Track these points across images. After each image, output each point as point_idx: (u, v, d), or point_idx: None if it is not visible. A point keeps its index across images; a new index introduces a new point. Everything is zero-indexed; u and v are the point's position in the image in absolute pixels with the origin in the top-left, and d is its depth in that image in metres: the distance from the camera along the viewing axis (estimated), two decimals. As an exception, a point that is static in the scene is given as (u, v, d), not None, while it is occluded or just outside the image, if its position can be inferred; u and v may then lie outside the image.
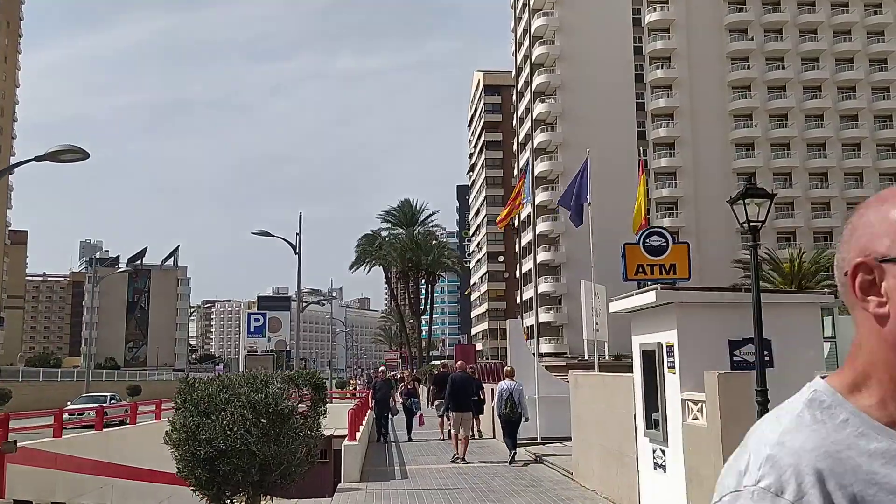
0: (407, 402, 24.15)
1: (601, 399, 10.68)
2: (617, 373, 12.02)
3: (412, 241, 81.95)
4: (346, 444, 13.48)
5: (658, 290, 7.95)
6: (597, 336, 20.76)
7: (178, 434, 10.55)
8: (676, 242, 9.97)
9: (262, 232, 34.58)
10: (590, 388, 11.40)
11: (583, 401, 11.73)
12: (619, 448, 9.88)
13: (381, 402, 22.21)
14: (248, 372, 11.74)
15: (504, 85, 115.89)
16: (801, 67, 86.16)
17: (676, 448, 8.08)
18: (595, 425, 10.99)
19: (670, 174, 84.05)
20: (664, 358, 8.33)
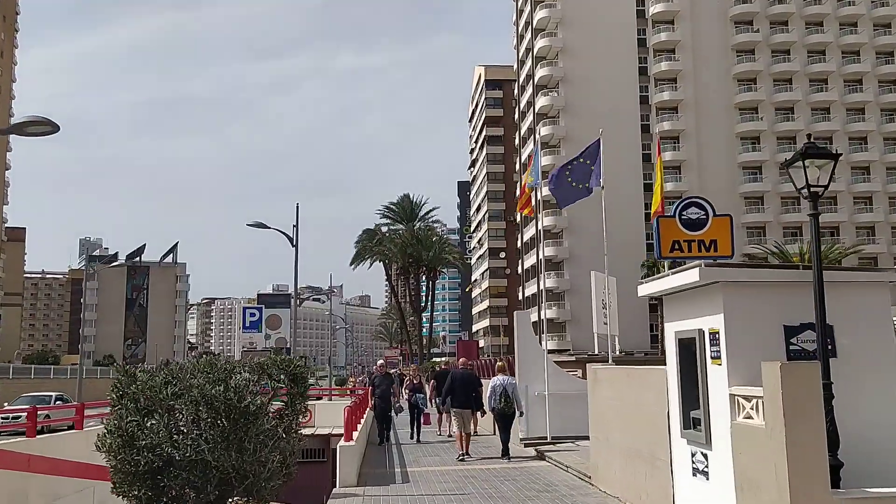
0: (412, 399, 21.60)
1: (625, 395, 9.55)
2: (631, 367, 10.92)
3: (413, 237, 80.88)
4: (341, 446, 12.27)
5: (702, 268, 6.79)
6: (606, 330, 19.65)
7: (113, 438, 8.27)
8: (718, 215, 8.76)
9: (257, 223, 33.56)
10: (611, 384, 10.25)
11: (603, 397, 10.59)
12: (648, 450, 8.75)
13: (382, 400, 19.79)
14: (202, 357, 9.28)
15: (505, 79, 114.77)
16: (808, 60, 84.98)
17: (723, 451, 6.94)
18: (618, 424, 9.84)
19: (675, 168, 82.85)
20: (706, 347, 7.19)
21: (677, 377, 7.74)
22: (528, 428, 17.38)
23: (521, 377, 17.65)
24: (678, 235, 8.36)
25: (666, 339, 8.20)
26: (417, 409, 21.28)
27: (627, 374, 9.47)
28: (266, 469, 8.31)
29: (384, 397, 19.78)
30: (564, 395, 17.33)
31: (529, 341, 17.97)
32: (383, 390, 19.85)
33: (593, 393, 11.14)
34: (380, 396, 19.85)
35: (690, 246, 8.36)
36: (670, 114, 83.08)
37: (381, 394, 19.85)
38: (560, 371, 18.14)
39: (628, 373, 9.47)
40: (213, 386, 8.06)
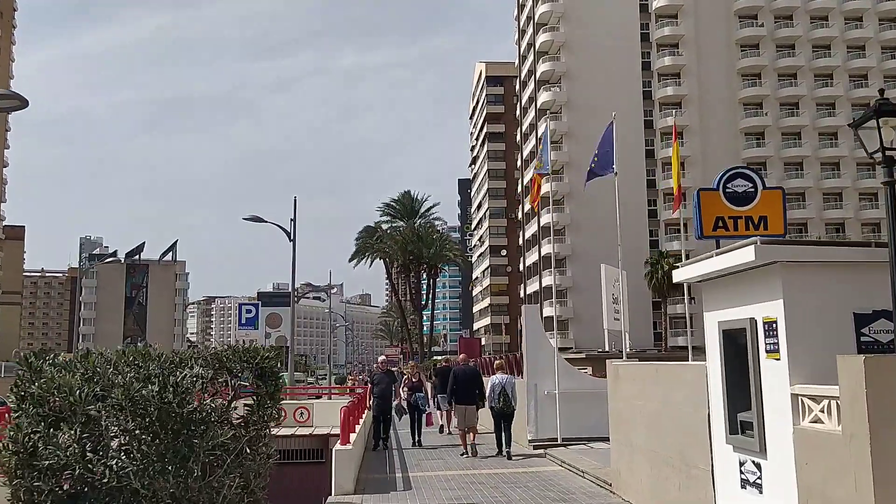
0: (412, 399, 19.48)
1: (653, 394, 8.53)
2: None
3: (413, 234, 79.84)
4: (337, 450, 11.22)
5: (759, 246, 5.76)
6: (617, 326, 18.68)
7: (9, 455, 6.05)
8: (768, 188, 7.70)
9: (253, 217, 32.59)
10: (635, 381, 9.22)
11: (626, 396, 9.57)
12: (682, 457, 7.73)
13: (381, 399, 17.99)
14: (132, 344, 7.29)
15: (506, 76, 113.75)
16: (812, 55, 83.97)
17: (782, 461, 5.92)
18: (644, 427, 8.82)
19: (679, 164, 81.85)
20: (760, 339, 6.17)
21: (721, 374, 6.72)
22: (536, 429, 16.37)
23: (529, 375, 16.65)
24: (722, 211, 7.36)
25: (706, 331, 7.18)
26: (418, 409, 19.40)
27: (656, 371, 8.45)
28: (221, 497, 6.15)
29: (383, 396, 18.02)
30: (575, 394, 16.35)
31: (538, 337, 16.94)
32: (382, 389, 18.07)
33: (614, 391, 10.12)
34: (379, 395, 18.07)
35: (737, 223, 7.36)
36: (674, 109, 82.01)
37: (379, 393, 18.06)
38: (571, 368, 17.13)
39: (657, 369, 8.45)
40: (143, 385, 5.99)
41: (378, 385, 18.30)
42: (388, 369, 19.65)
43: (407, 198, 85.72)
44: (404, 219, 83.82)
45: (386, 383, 18.32)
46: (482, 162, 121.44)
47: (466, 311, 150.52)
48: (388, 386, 18.32)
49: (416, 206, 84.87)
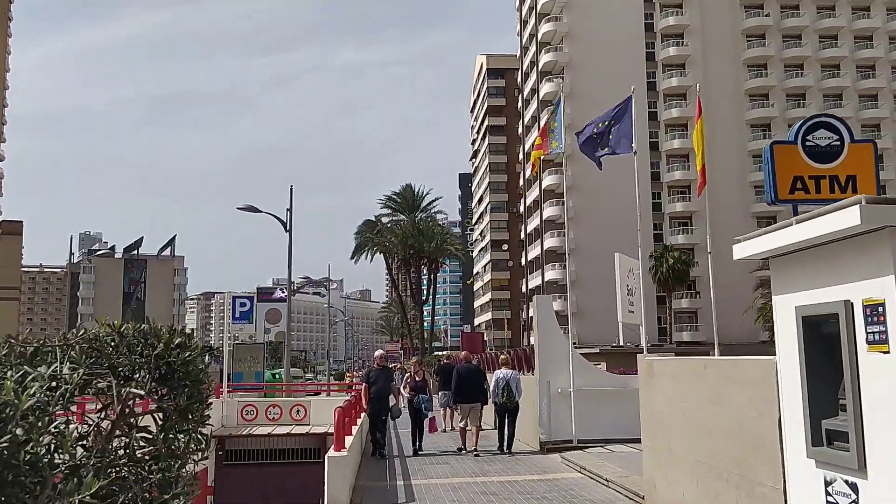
0: (415, 400, 16.88)
1: (699, 393, 7.24)
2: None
3: (414, 228, 78.54)
4: (330, 456, 9.90)
5: (864, 206, 4.45)
6: (633, 319, 17.41)
7: None
8: (856, 141, 6.36)
9: (248, 207, 31.31)
10: (676, 380, 7.93)
11: (663, 396, 8.29)
12: (741, 471, 6.43)
13: (378, 399, 15.78)
14: None
15: (508, 68, 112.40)
16: (819, 45, 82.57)
17: (890, 482, 4.65)
18: (688, 432, 7.53)
19: (683, 156, 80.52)
20: (859, 326, 4.88)
21: (800, 371, 5.41)
22: (550, 430, 15.08)
23: (541, 371, 15.35)
24: (802, 169, 6.02)
25: (778, 318, 5.87)
26: (420, 413, 16.88)
27: (704, 367, 7.16)
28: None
29: (380, 396, 15.82)
30: (592, 392, 15.06)
31: (551, 331, 15.63)
32: (380, 388, 15.82)
33: (648, 390, 8.82)
34: (376, 396, 15.79)
35: (819, 184, 6.01)
36: (678, 100, 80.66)
37: (377, 392, 15.78)
38: (587, 364, 15.82)
39: (706, 365, 7.16)
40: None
41: (375, 384, 15.92)
42: (385, 366, 16.95)
43: (408, 191, 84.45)
44: (405, 212, 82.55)
45: (384, 381, 16.03)
46: (483, 156, 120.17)
47: (467, 307, 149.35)
48: (386, 384, 16.07)
49: (417, 199, 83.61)
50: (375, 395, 15.82)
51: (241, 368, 35.31)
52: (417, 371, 18.00)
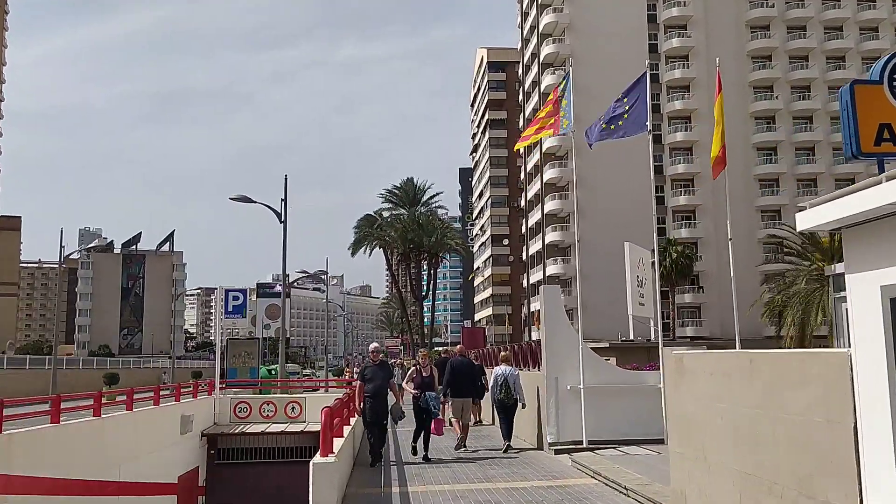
0: (421, 399, 14.45)
1: (747, 394, 6.14)
2: None
3: (414, 222, 77.40)
4: (316, 463, 8.76)
5: None
6: (643, 312, 16.38)
7: None
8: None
9: (241, 197, 30.22)
10: (714, 377, 6.83)
11: (697, 396, 7.22)
12: (802, 486, 5.32)
13: (375, 400, 13.90)
14: None
15: (508, 61, 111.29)
16: (824, 36, 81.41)
17: None
18: (730, 438, 6.45)
19: (686, 149, 79.47)
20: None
21: (888, 365, 4.36)
22: (558, 430, 14.00)
23: (549, 367, 14.27)
24: (890, 114, 4.96)
25: (853, 302, 4.83)
26: (427, 413, 14.55)
27: (750, 362, 6.07)
28: None
29: (377, 394, 13.96)
30: (603, 389, 14.00)
31: (559, 323, 14.55)
32: (377, 386, 13.92)
33: (676, 389, 7.74)
34: (372, 395, 13.91)
35: (913, 131, 4.91)
36: (682, 93, 79.53)
37: (373, 391, 13.89)
38: (597, 359, 14.75)
39: (752, 359, 6.05)
40: None
41: (371, 381, 14.01)
42: (382, 361, 14.99)
43: (409, 185, 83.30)
44: (406, 206, 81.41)
45: (381, 379, 14.10)
46: (483, 150, 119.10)
47: (468, 302, 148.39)
48: (384, 383, 14.16)
49: (418, 193, 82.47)
50: (372, 394, 13.90)
51: (236, 364, 34.31)
52: (425, 365, 15.16)
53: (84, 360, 64.59)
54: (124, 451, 18.78)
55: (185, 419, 23.71)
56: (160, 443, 21.74)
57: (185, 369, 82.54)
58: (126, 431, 19.04)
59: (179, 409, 23.72)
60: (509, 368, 15.10)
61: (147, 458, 20.48)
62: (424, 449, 14.32)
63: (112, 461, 17.91)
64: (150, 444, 20.78)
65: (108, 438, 17.74)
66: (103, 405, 19.19)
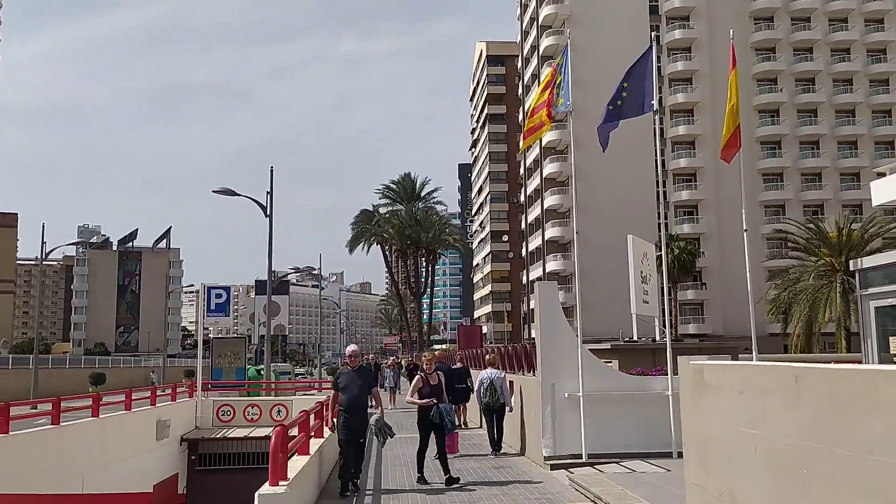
0: (432, 413, 11.57)
1: (790, 420, 4.70)
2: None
3: (411, 218, 76.07)
4: (261, 494, 7.36)
5: None
6: (648, 310, 15.03)
7: None
8: None
9: (225, 190, 28.89)
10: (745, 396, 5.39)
11: (721, 417, 5.84)
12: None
13: (351, 412, 11.27)
14: None
15: (508, 55, 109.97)
16: (829, 28, 79.97)
17: None
18: (765, 474, 5.06)
19: (688, 142, 78.11)
20: None
21: None
22: (554, 443, 12.62)
23: (544, 372, 12.88)
24: None
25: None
26: (438, 429, 11.66)
27: (797, 379, 4.66)
28: None
29: (355, 408, 11.30)
30: (605, 397, 12.62)
31: (556, 323, 13.15)
32: (354, 397, 11.28)
33: (695, 407, 6.36)
34: (347, 407, 11.30)
35: None
36: (684, 85, 78.13)
37: (349, 402, 11.26)
38: (598, 363, 13.35)
39: (798, 376, 4.64)
40: None
41: (347, 391, 11.34)
42: (361, 366, 12.45)
43: (407, 180, 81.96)
44: (404, 202, 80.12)
45: (359, 388, 11.35)
46: (483, 145, 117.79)
47: (467, 299, 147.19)
48: (363, 393, 11.43)
49: (416, 188, 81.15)
50: (347, 407, 11.28)
51: (221, 364, 32.99)
52: (431, 372, 12.08)
53: (71, 359, 63.16)
54: (88, 460, 17.50)
55: (161, 424, 22.43)
56: (133, 450, 20.46)
57: (179, 368, 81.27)
58: (90, 439, 17.76)
59: (155, 414, 22.45)
60: (495, 371, 14.89)
61: (116, 467, 19.20)
62: (445, 470, 11.45)
63: (73, 472, 16.62)
64: (120, 452, 19.50)
65: (69, 448, 16.44)
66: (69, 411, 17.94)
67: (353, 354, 12.16)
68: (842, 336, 44.16)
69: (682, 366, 6.49)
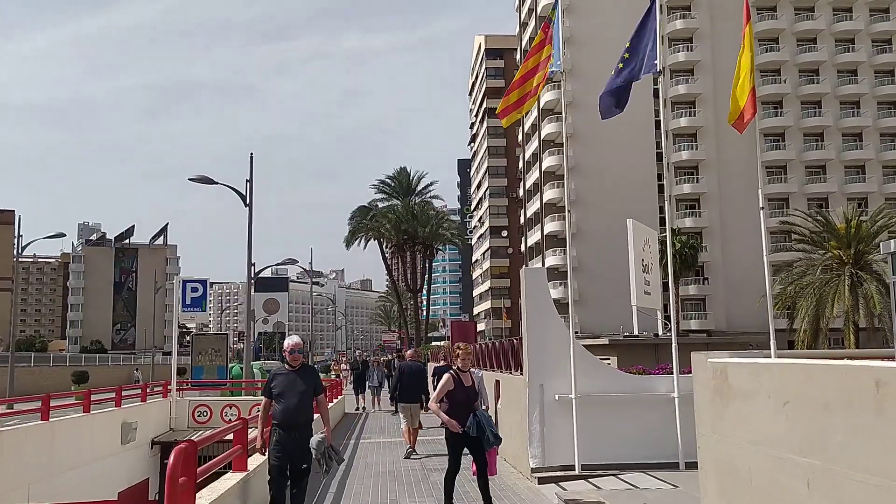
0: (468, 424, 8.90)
1: (871, 448, 3.19)
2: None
3: (408, 212, 74.53)
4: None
5: None
6: (649, 302, 13.45)
7: None
8: None
9: (202, 178, 27.31)
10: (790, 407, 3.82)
11: (752, 434, 4.24)
12: None
13: (288, 431, 8.50)
14: None
15: (507, 48, 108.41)
16: (833, 17, 78.32)
17: None
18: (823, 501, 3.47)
19: (690, 135, 76.45)
20: None
21: None
22: (543, 453, 11.02)
23: (531, 371, 11.29)
24: None
25: None
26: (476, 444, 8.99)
27: (878, 385, 3.10)
28: None
29: (293, 423, 8.49)
30: (602, 399, 11.03)
31: (545, 314, 11.54)
32: (292, 407, 8.49)
33: (716, 420, 4.76)
34: (281, 421, 8.50)
35: None
36: (686, 77, 76.47)
37: (284, 415, 8.49)
38: (594, 361, 11.75)
39: (881, 380, 3.11)
40: None
41: (283, 398, 8.55)
42: (305, 364, 9.33)
43: (403, 174, 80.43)
44: (401, 197, 78.60)
45: (300, 395, 8.56)
46: (482, 139, 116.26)
47: (466, 295, 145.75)
48: (305, 400, 8.63)
49: (412, 183, 79.62)
50: (282, 421, 8.46)
51: (202, 362, 31.48)
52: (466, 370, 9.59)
53: (55, 357, 61.60)
54: (34, 469, 15.93)
55: (126, 426, 20.87)
56: (91, 455, 18.91)
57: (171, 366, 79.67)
58: (36, 446, 16.17)
59: (119, 416, 20.89)
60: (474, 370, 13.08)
61: (72, 475, 17.66)
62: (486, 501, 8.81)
63: (15, 483, 15.05)
64: (75, 458, 17.95)
65: (8, 457, 14.88)
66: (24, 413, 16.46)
67: (294, 349, 8.72)
68: (850, 331, 42.65)
69: (698, 365, 4.89)
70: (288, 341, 8.93)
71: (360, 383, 30.31)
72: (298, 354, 8.88)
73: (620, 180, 71.25)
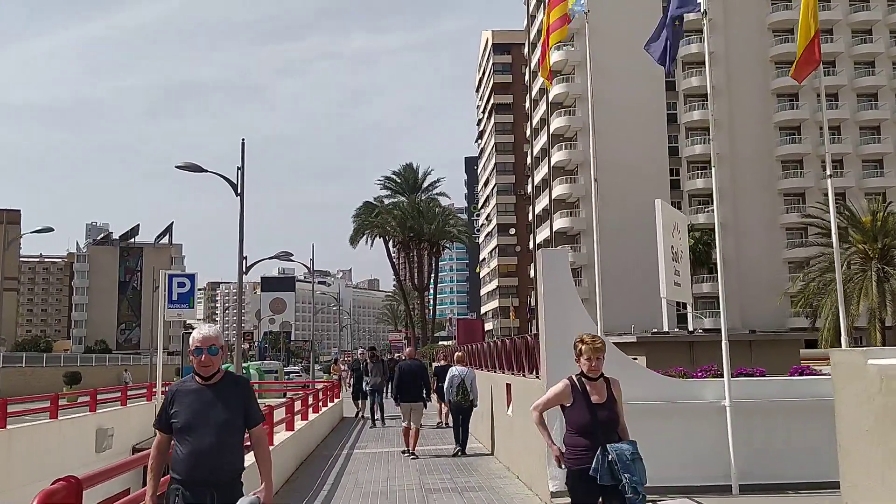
0: (594, 465, 6.06)
1: None
2: None
3: (413, 209, 72.72)
4: None
5: None
6: (679, 295, 11.60)
7: None
8: None
9: (190, 165, 25.53)
10: None
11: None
12: None
13: (194, 485, 4.84)
14: None
15: (514, 43, 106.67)
16: (850, 8, 76.34)
17: None
18: None
19: (703, 129, 74.55)
20: None
21: None
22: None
23: (551, 373, 9.41)
24: None
25: None
26: (606, 494, 6.03)
27: None
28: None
29: (203, 469, 4.85)
30: (636, 409, 9.13)
31: (567, 305, 9.63)
32: (200, 447, 4.87)
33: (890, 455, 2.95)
34: (184, 471, 4.92)
35: None
36: (699, 69, 74.49)
37: (189, 460, 4.90)
38: (627, 362, 9.86)
39: None
40: None
41: (189, 435, 4.92)
42: (231, 373, 5.27)
43: (409, 171, 78.68)
44: (406, 193, 76.87)
45: (215, 431, 4.87)
46: (489, 136, 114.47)
47: (474, 294, 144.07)
48: (226, 438, 4.90)
49: (418, 179, 77.85)
50: (187, 468, 4.93)
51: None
52: (597, 378, 6.55)
53: (49, 358, 60.03)
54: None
55: (101, 433, 19.11)
56: (60, 467, 17.07)
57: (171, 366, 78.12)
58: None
59: (94, 422, 19.13)
60: (465, 369, 14.91)
61: (35, 487, 15.82)
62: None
63: None
64: (40, 469, 16.14)
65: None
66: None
67: (204, 345, 5.02)
68: (876, 329, 40.78)
69: (845, 370, 3.03)
70: (195, 334, 5.08)
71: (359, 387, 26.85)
72: (213, 357, 5.01)
73: (634, 175, 69.38)
